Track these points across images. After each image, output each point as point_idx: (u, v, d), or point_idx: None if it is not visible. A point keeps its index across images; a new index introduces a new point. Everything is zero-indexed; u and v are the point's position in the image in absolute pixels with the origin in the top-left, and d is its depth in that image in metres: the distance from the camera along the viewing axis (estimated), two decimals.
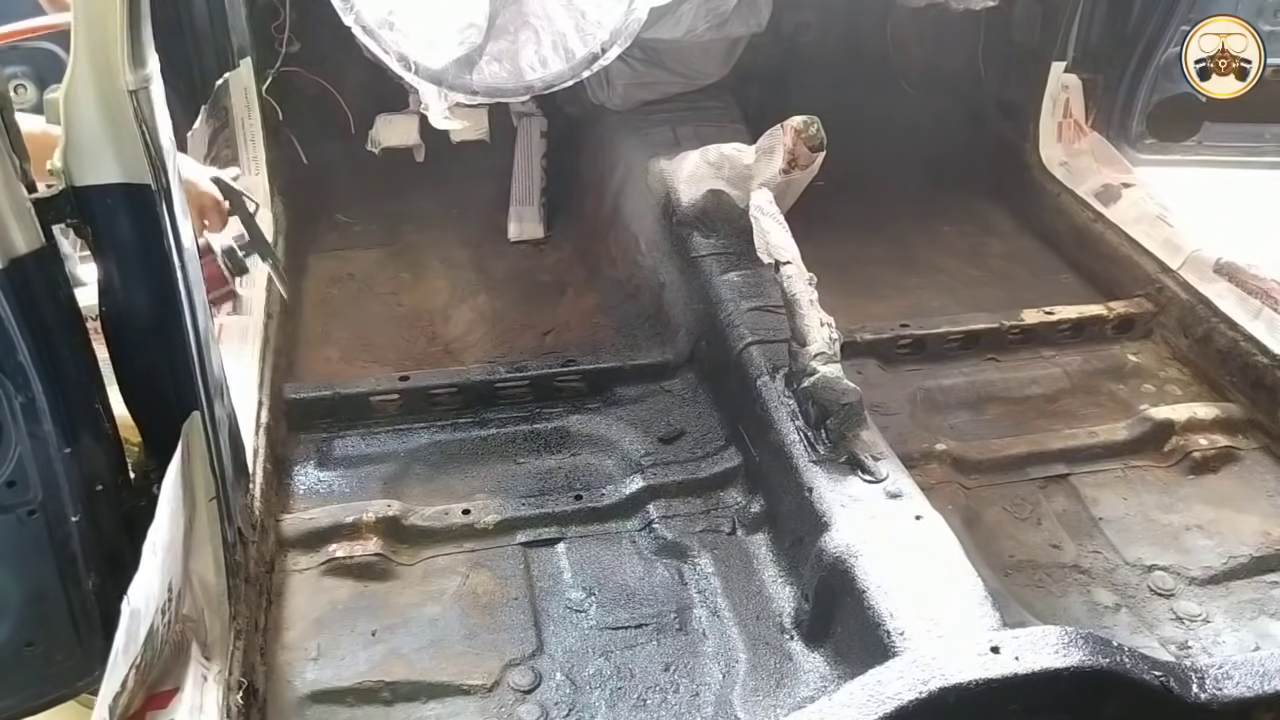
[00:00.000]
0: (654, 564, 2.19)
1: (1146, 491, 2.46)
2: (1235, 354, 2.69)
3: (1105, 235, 3.19)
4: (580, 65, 2.55)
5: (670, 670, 1.96)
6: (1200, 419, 2.58)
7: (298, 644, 1.95)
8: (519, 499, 2.32)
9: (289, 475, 2.34)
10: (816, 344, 2.14)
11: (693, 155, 2.85)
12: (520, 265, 3.32)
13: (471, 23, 2.49)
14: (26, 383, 1.42)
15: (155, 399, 1.61)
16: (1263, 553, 2.28)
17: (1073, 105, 3.46)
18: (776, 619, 2.04)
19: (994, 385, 2.78)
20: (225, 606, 1.72)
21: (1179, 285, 2.90)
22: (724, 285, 2.62)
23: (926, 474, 2.34)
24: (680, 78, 3.31)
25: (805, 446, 2.13)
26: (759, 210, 2.41)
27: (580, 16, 2.52)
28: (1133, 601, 2.19)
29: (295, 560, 2.13)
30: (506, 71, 2.54)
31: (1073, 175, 3.41)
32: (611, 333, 2.93)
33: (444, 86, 2.53)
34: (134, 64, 1.41)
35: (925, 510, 1.98)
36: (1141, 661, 1.60)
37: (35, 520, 1.49)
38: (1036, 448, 2.53)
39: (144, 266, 1.52)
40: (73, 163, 1.43)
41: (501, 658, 1.96)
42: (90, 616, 1.55)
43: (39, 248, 1.40)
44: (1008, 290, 3.17)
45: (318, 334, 2.91)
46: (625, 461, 2.43)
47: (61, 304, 1.47)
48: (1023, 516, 2.38)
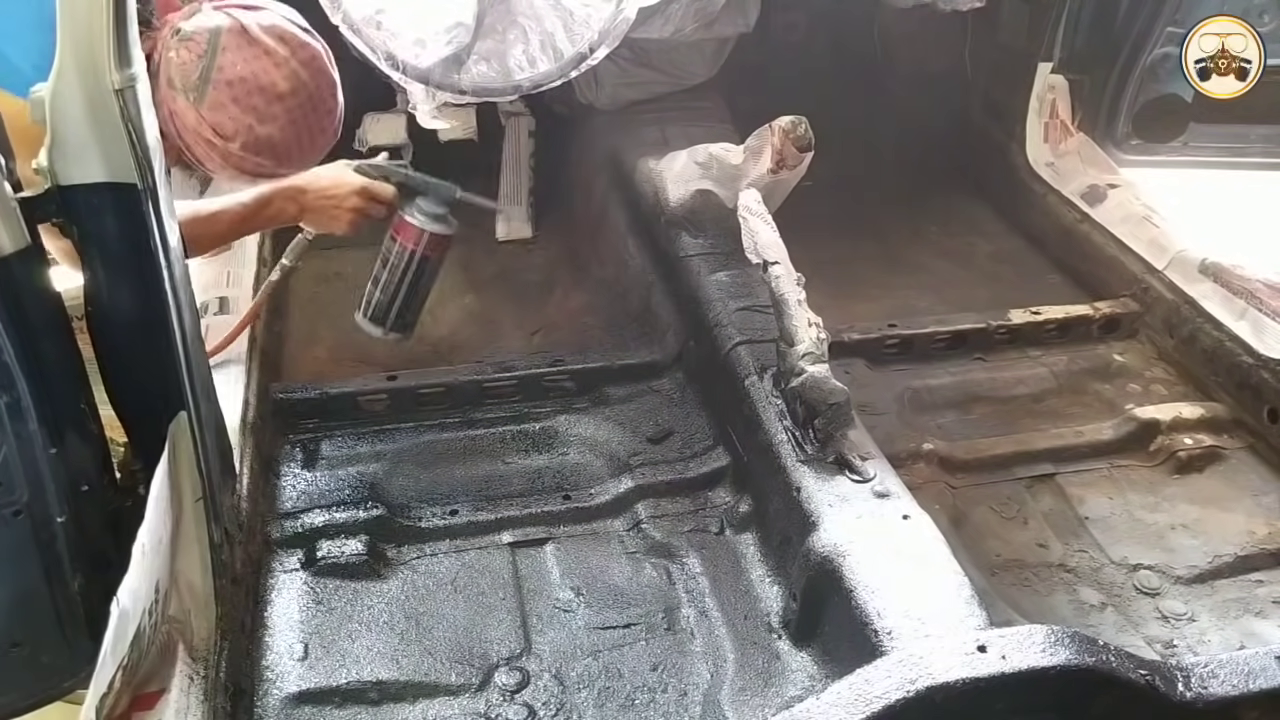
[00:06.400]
0: (642, 564, 2.19)
1: (1132, 491, 2.47)
2: (1220, 354, 2.70)
3: (1091, 236, 3.20)
4: (568, 65, 2.55)
5: (658, 670, 1.96)
6: (1185, 419, 2.60)
7: (285, 645, 1.95)
8: (507, 499, 2.31)
9: (276, 475, 2.33)
10: (804, 344, 2.14)
11: (681, 155, 2.86)
12: (508, 265, 3.32)
13: (459, 22, 2.49)
14: (11, 383, 1.42)
15: (141, 399, 1.60)
16: (1247, 552, 2.29)
17: (1059, 106, 3.47)
18: (764, 618, 2.04)
19: (981, 385, 2.78)
20: (212, 607, 1.71)
21: (1164, 285, 2.91)
22: (712, 285, 2.62)
23: (914, 473, 2.35)
24: (668, 77, 3.31)
25: (793, 446, 2.13)
26: (747, 210, 2.41)
27: (568, 16, 2.53)
28: (1118, 600, 2.20)
29: (282, 561, 2.12)
30: (494, 71, 2.54)
31: (1059, 176, 3.42)
32: (600, 332, 2.93)
33: (432, 85, 2.53)
34: (120, 63, 1.40)
35: (912, 510, 1.98)
36: (1127, 660, 1.61)
37: (20, 521, 1.48)
38: (1023, 447, 2.54)
39: (130, 266, 1.52)
40: (58, 162, 1.42)
41: (489, 658, 1.96)
42: (76, 617, 1.55)
43: (24, 247, 1.40)
44: (994, 290, 3.18)
45: (305, 334, 2.90)
46: (613, 461, 2.43)
47: (47, 304, 1.46)
48: (1009, 516, 2.39)
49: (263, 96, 1.85)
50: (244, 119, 1.85)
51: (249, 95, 1.84)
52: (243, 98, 1.84)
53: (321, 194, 2.25)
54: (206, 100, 1.83)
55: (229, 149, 1.88)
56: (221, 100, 1.84)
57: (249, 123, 1.86)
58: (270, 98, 1.86)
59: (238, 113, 1.85)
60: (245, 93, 1.84)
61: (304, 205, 2.25)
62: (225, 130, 1.85)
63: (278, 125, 1.89)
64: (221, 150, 1.88)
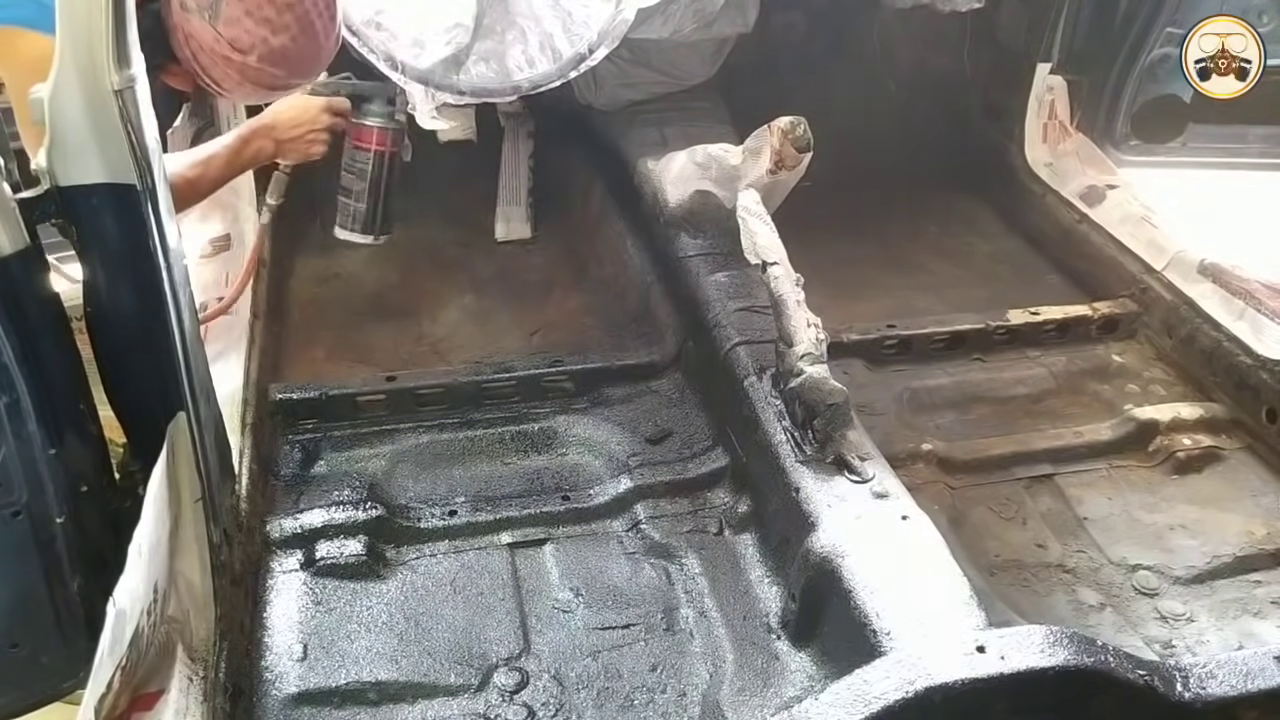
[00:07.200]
0: (641, 564, 2.19)
1: (1131, 491, 2.47)
2: (1219, 354, 2.70)
3: (1090, 236, 3.20)
4: (567, 65, 2.56)
5: (657, 670, 1.96)
6: (1184, 419, 2.60)
7: (284, 645, 1.95)
8: (506, 499, 2.32)
9: (275, 476, 2.33)
10: (803, 344, 2.14)
11: (680, 156, 2.86)
12: (507, 265, 3.32)
13: (458, 23, 2.50)
14: (11, 383, 1.42)
15: (141, 400, 1.61)
16: (1246, 552, 2.29)
17: (1058, 107, 3.47)
18: (763, 619, 2.04)
19: (980, 385, 2.79)
20: (211, 608, 1.71)
21: (1163, 286, 2.91)
22: (711, 286, 2.63)
23: (912, 474, 2.35)
24: (668, 78, 3.31)
25: (792, 447, 2.13)
26: (746, 211, 2.42)
27: (567, 17, 2.53)
28: (1117, 601, 2.20)
29: (281, 561, 2.12)
30: (493, 72, 2.55)
31: (1058, 176, 3.42)
32: (599, 333, 2.93)
33: (431, 86, 2.53)
34: (119, 64, 1.41)
35: (911, 510, 1.98)
36: (1126, 661, 1.61)
37: (20, 522, 1.48)
38: (1022, 448, 2.54)
39: (129, 267, 1.52)
40: (58, 163, 1.43)
41: (488, 658, 1.96)
42: (76, 618, 1.55)
43: (24, 248, 1.40)
44: (993, 290, 3.18)
45: (304, 334, 2.89)
46: (612, 462, 2.43)
47: (46, 304, 1.46)
48: (1008, 516, 2.39)
49: (273, 7, 1.92)
50: (259, 31, 1.92)
51: (260, 7, 1.91)
52: (255, 10, 1.91)
53: (292, 123, 2.36)
54: (221, 16, 1.89)
55: (246, 62, 1.94)
56: (235, 15, 1.90)
57: (264, 35, 1.92)
58: (280, 7, 1.92)
59: (252, 25, 1.91)
60: (257, 5, 1.90)
61: (278, 139, 2.35)
62: (241, 44, 1.91)
63: (289, 35, 1.95)
64: (239, 65, 1.94)
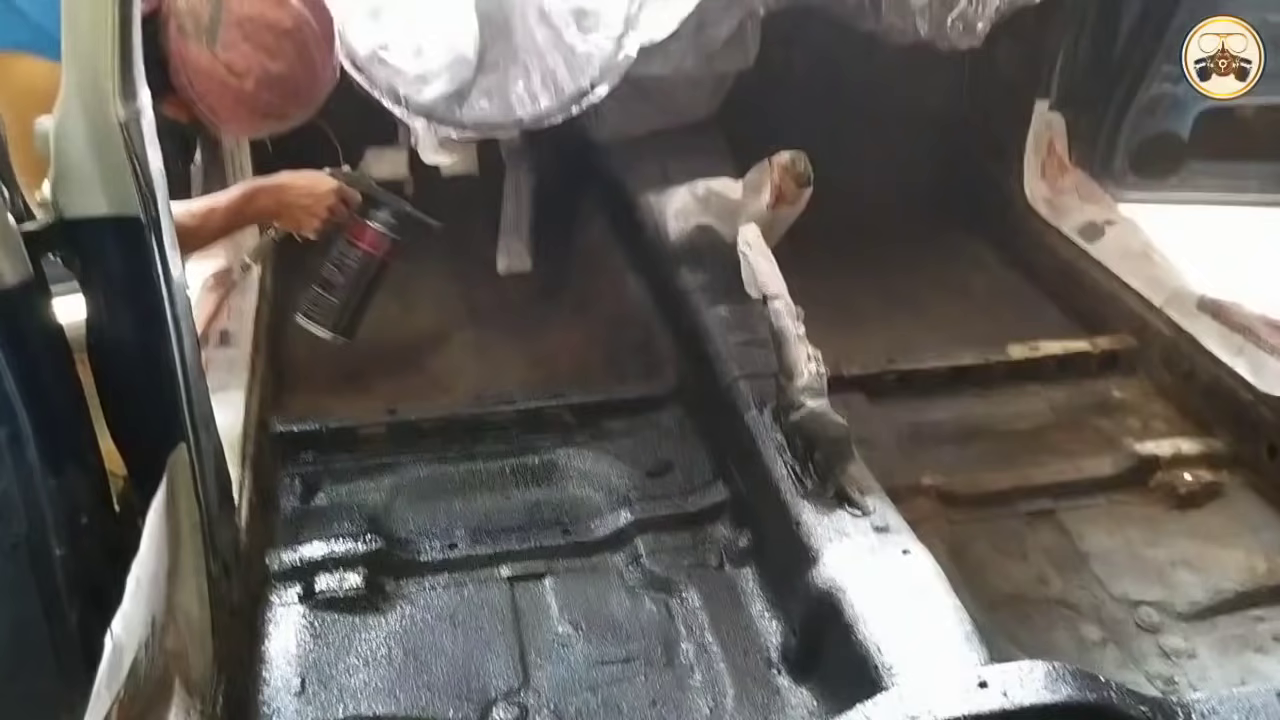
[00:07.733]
0: (641, 598, 2.18)
1: (1132, 526, 2.46)
2: (1219, 390, 2.70)
3: (1089, 272, 3.21)
4: (570, 101, 2.57)
5: (657, 705, 1.94)
6: (1185, 454, 2.59)
7: (282, 678, 1.93)
8: (506, 532, 2.31)
9: (275, 508, 2.33)
10: (804, 378, 2.14)
11: (681, 190, 2.87)
12: (509, 298, 3.33)
13: (462, 57, 2.51)
14: (12, 414, 1.42)
15: (141, 431, 1.61)
16: (1248, 588, 2.28)
17: (1056, 143, 3.49)
18: (764, 653, 2.03)
19: (980, 420, 2.78)
20: (210, 640, 1.70)
21: (1162, 321, 2.91)
22: (712, 319, 2.63)
23: (913, 508, 2.33)
24: (669, 113, 3.33)
25: (793, 480, 2.13)
26: (746, 245, 2.43)
27: (570, 53, 2.55)
28: (1119, 636, 2.18)
29: (281, 594, 2.12)
30: (496, 107, 2.57)
31: (1057, 212, 3.43)
32: (599, 366, 2.94)
33: (434, 121, 2.55)
34: (125, 96, 1.42)
35: (912, 544, 1.97)
36: (1129, 697, 1.60)
37: (19, 553, 1.47)
38: (1023, 482, 2.53)
39: (133, 299, 1.53)
40: (62, 195, 1.43)
41: (487, 692, 1.95)
42: (74, 651, 1.53)
43: (26, 279, 1.40)
44: (993, 325, 3.18)
45: (305, 366, 2.90)
46: (613, 495, 2.42)
47: (48, 335, 1.47)
48: (1009, 551, 2.38)
49: (271, 33, 1.93)
50: (256, 56, 1.93)
51: (259, 33, 1.92)
52: (253, 35, 1.92)
53: (303, 192, 2.38)
54: (219, 40, 1.90)
55: (243, 87, 1.95)
56: (233, 39, 1.91)
57: (261, 59, 1.94)
58: (278, 33, 1.94)
59: (249, 50, 1.92)
60: (255, 30, 1.92)
61: (284, 201, 2.36)
62: (238, 68, 1.93)
63: (287, 61, 1.97)
64: (235, 90, 1.95)
